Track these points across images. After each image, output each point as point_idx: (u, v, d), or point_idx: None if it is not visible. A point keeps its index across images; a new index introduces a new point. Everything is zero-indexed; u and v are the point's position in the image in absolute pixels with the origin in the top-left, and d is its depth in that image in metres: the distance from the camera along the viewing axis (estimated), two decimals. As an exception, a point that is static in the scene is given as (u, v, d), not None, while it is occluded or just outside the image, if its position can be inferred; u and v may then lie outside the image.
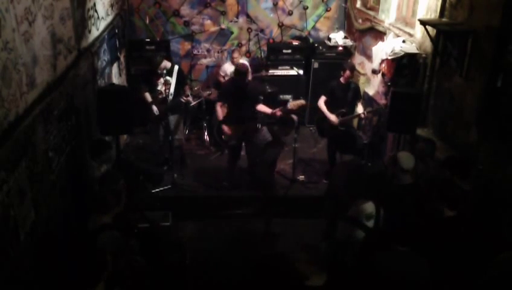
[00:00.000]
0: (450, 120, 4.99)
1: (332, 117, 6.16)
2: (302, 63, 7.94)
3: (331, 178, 5.75)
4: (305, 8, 8.31)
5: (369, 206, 3.66)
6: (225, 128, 5.96)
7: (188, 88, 6.71)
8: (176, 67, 6.31)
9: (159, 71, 6.12)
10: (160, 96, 6.23)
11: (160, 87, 6.23)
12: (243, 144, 6.19)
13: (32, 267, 3.34)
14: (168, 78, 6.19)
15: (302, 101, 6.00)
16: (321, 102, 6.28)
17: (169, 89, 6.15)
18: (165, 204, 5.46)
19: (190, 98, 6.63)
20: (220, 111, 6.07)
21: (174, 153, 6.48)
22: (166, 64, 6.17)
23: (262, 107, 5.95)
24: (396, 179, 4.12)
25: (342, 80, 6.15)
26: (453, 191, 3.54)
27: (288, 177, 6.35)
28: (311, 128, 7.84)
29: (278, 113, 5.84)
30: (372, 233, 3.54)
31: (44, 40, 3.79)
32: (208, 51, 8.42)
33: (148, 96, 6.26)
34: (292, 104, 5.93)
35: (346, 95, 6.18)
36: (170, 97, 6.15)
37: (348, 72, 6.10)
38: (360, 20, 7.77)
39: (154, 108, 6.18)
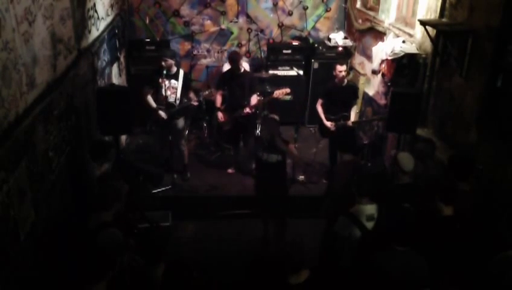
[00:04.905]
0: (450, 120, 4.99)
1: (328, 124, 6.16)
2: (302, 63, 7.93)
3: (331, 178, 5.74)
4: (305, 8, 8.32)
5: (371, 208, 3.66)
6: (220, 114, 6.24)
7: (193, 93, 6.36)
8: (182, 71, 6.07)
9: (164, 63, 5.80)
10: (165, 102, 5.94)
11: (164, 91, 5.89)
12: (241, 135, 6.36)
13: (32, 267, 3.34)
14: (174, 82, 5.95)
15: (287, 90, 6.19)
16: (318, 105, 6.27)
17: (175, 94, 5.95)
18: (165, 204, 5.46)
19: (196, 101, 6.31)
20: (219, 99, 6.29)
21: (176, 158, 6.45)
22: (171, 62, 5.84)
23: (253, 99, 6.18)
24: (396, 179, 4.15)
25: (336, 80, 6.05)
26: (450, 186, 3.55)
27: (288, 177, 6.33)
28: (311, 128, 7.85)
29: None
30: (369, 235, 3.54)
31: (44, 40, 3.79)
32: (208, 51, 8.42)
33: (151, 102, 5.97)
34: (278, 92, 6.15)
35: (343, 96, 6.10)
36: (177, 102, 5.98)
37: (338, 67, 5.94)
38: (360, 21, 7.77)
39: (162, 113, 5.91)
